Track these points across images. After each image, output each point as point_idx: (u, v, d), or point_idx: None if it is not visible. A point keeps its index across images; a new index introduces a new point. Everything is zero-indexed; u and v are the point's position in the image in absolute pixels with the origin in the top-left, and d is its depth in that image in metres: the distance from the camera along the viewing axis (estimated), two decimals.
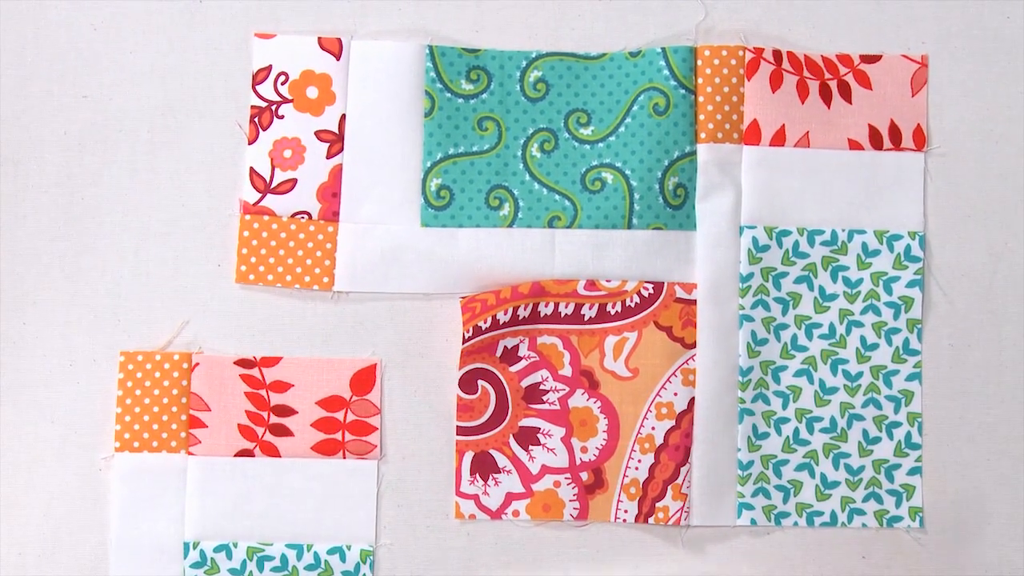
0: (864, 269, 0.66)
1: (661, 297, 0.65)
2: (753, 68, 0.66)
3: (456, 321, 0.65)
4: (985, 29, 0.66)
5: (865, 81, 0.66)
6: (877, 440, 0.65)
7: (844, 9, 0.66)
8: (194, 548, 0.64)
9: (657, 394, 0.65)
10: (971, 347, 0.66)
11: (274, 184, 0.66)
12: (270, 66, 0.66)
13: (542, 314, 0.65)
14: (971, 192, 0.66)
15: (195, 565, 0.64)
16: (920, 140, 0.66)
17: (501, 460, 0.65)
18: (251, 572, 0.64)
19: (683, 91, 0.65)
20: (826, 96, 0.66)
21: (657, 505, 0.65)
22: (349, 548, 0.65)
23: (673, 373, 0.65)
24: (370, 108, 0.66)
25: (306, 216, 0.65)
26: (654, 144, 0.65)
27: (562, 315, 0.65)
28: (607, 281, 0.65)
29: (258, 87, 0.66)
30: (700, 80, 0.65)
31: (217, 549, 0.64)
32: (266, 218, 0.65)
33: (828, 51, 0.66)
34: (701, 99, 0.65)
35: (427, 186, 0.66)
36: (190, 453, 0.65)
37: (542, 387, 0.65)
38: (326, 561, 0.64)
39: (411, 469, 0.65)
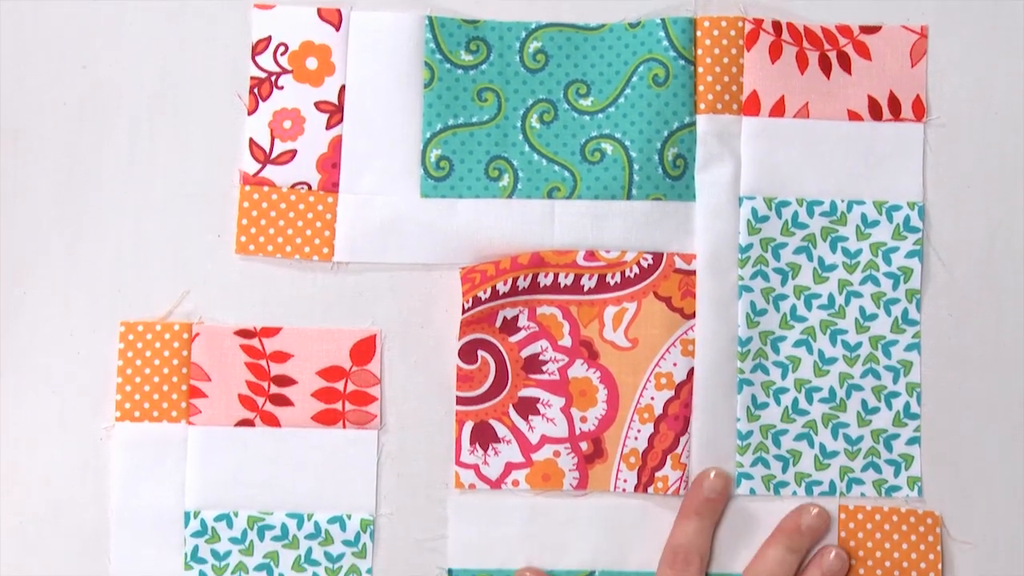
0: (863, 240, 0.66)
1: (660, 268, 0.65)
2: (752, 39, 0.66)
3: (456, 291, 0.65)
4: (985, 0, 0.66)
5: (864, 52, 0.66)
6: (876, 410, 0.65)
7: None
8: (195, 517, 0.64)
9: (656, 364, 0.65)
10: (970, 317, 0.66)
11: (274, 155, 0.66)
12: (269, 37, 0.66)
13: (541, 284, 0.65)
14: (970, 163, 0.66)
15: (196, 534, 0.64)
16: (919, 111, 0.66)
17: (501, 430, 0.65)
18: (252, 541, 0.65)
19: (682, 62, 0.65)
20: (825, 67, 0.66)
21: (656, 475, 0.65)
22: (349, 517, 0.65)
23: (672, 343, 0.65)
24: (370, 79, 0.66)
25: (306, 187, 0.66)
26: (653, 115, 0.65)
27: (561, 285, 0.65)
28: (606, 252, 0.65)
29: (257, 58, 0.66)
30: (699, 51, 0.66)
31: (218, 518, 0.65)
32: (266, 189, 0.65)
33: (828, 22, 0.66)
34: (700, 70, 0.65)
35: (427, 157, 0.66)
36: (190, 423, 0.65)
37: (541, 357, 0.65)
38: (326, 530, 0.65)
39: (411, 439, 0.65)
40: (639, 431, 0.65)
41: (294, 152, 0.66)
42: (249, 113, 0.66)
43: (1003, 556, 0.65)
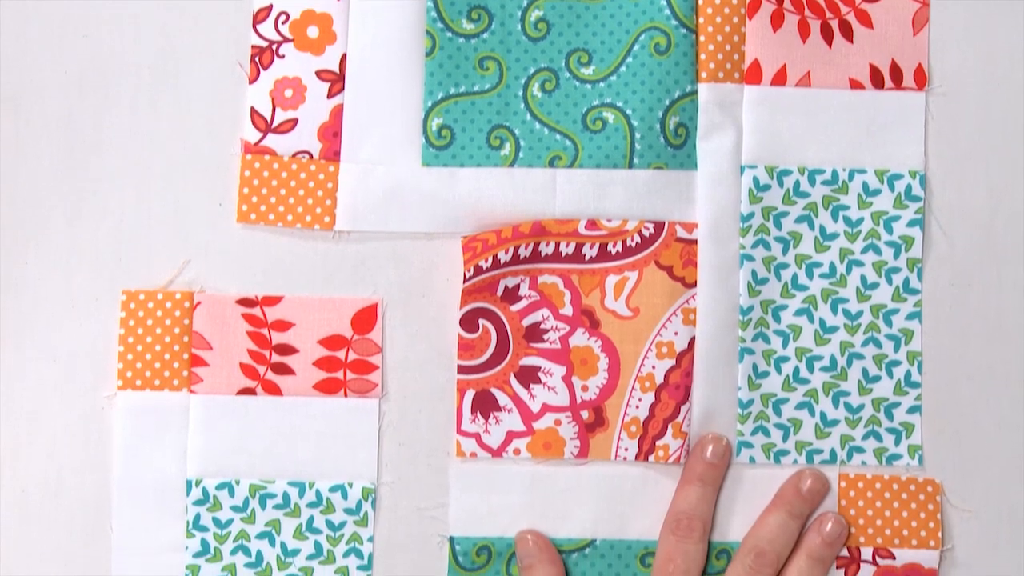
0: (864, 208, 0.66)
1: (662, 236, 0.65)
2: (754, 7, 0.65)
3: (457, 260, 0.65)
4: None
5: (866, 20, 0.66)
6: (877, 379, 0.65)
7: None
8: (196, 485, 0.65)
9: (658, 333, 0.65)
10: (971, 286, 0.66)
11: (275, 124, 0.66)
12: (270, 5, 0.66)
13: (543, 253, 0.65)
14: (972, 131, 0.66)
15: (198, 502, 0.65)
16: (921, 79, 0.66)
17: (502, 399, 0.65)
18: (253, 509, 0.65)
19: (684, 30, 0.65)
20: (827, 35, 0.66)
21: (657, 443, 0.65)
22: (351, 486, 0.65)
23: (674, 312, 0.65)
24: (371, 48, 0.66)
25: (307, 156, 0.65)
26: (655, 83, 0.65)
27: (563, 254, 0.65)
28: (608, 220, 0.65)
29: (258, 26, 0.66)
30: (701, 19, 0.65)
31: (219, 487, 0.65)
32: (267, 157, 0.65)
33: None
34: (702, 38, 0.65)
35: (428, 126, 0.66)
36: (192, 391, 0.65)
37: (543, 326, 0.66)
38: (328, 499, 0.65)
39: (412, 408, 0.65)
40: (640, 400, 0.65)
41: (295, 121, 0.66)
42: (250, 82, 0.66)
43: (1003, 524, 0.65)
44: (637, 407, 0.65)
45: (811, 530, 0.64)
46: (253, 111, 0.66)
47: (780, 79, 0.65)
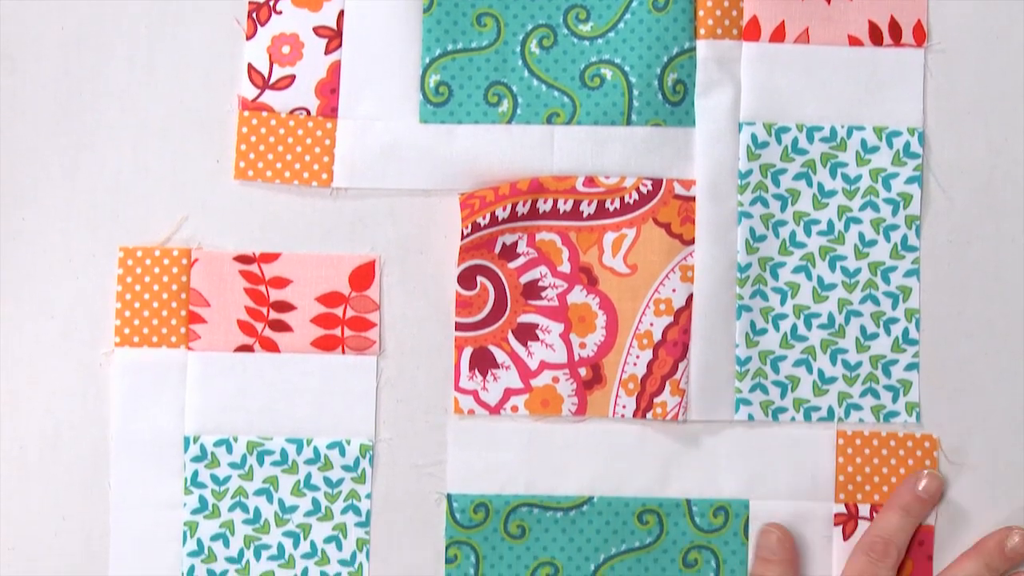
0: (863, 165, 0.66)
1: (660, 193, 0.65)
2: None
3: (455, 217, 0.65)
4: None
5: None
6: (875, 336, 0.65)
7: None
8: (194, 442, 0.65)
9: (655, 290, 0.65)
10: (969, 243, 0.66)
11: (272, 80, 0.65)
12: None
13: (541, 210, 0.65)
14: (971, 88, 0.66)
15: (196, 459, 0.65)
16: (920, 36, 0.66)
17: (500, 356, 0.65)
18: (251, 466, 0.65)
19: None
20: None
21: (655, 400, 0.65)
22: (349, 442, 0.65)
23: (672, 269, 0.65)
24: (369, 4, 0.66)
25: (304, 112, 0.65)
26: (653, 40, 0.65)
27: (561, 211, 0.65)
28: (606, 177, 0.65)
29: None
30: None
31: (217, 443, 0.65)
32: (264, 114, 0.65)
33: None
34: None
35: (426, 82, 0.65)
36: (190, 348, 0.65)
37: (541, 283, 0.65)
38: (326, 455, 0.65)
39: (410, 365, 0.65)
40: (638, 357, 0.65)
41: (293, 77, 0.65)
42: (247, 38, 0.66)
43: (1000, 480, 0.65)
44: (635, 364, 0.65)
45: None
46: (250, 67, 0.65)
47: (779, 36, 0.65)
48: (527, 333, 0.65)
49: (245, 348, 0.65)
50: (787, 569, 0.63)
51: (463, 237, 0.65)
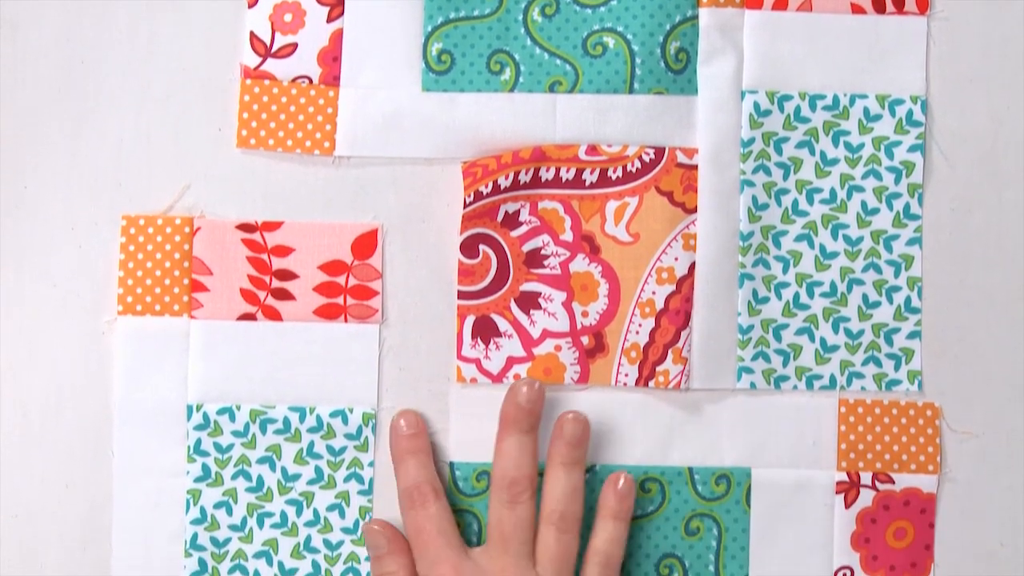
0: (865, 134, 0.65)
1: (662, 162, 0.65)
2: None
3: (457, 186, 0.65)
4: None
5: None
6: (877, 304, 0.65)
7: None
8: (197, 410, 0.65)
9: (658, 259, 0.65)
10: (971, 211, 0.66)
11: (274, 48, 0.65)
12: None
13: (543, 179, 0.65)
14: (973, 56, 0.66)
15: (198, 427, 0.65)
16: (923, 4, 0.66)
17: (502, 324, 0.65)
18: (254, 434, 0.65)
19: None
20: None
21: (657, 369, 0.65)
22: (351, 411, 0.65)
23: (674, 238, 0.65)
24: None
25: (307, 80, 0.65)
26: (656, 8, 0.65)
27: (563, 180, 0.65)
28: (608, 146, 0.65)
29: None
30: None
31: (220, 412, 0.65)
32: (267, 82, 0.65)
33: None
34: None
35: (428, 50, 0.65)
36: (192, 317, 0.65)
37: (543, 252, 0.65)
38: (328, 424, 0.65)
39: (412, 333, 0.65)
40: (640, 325, 0.65)
41: (295, 45, 0.65)
42: (249, 6, 0.65)
43: (1002, 448, 0.65)
44: (637, 333, 0.65)
45: (554, 437, 0.63)
46: (252, 35, 0.65)
47: (781, 3, 0.65)
48: (529, 302, 0.65)
49: (248, 316, 0.65)
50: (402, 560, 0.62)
51: (465, 205, 0.65)
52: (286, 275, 0.65)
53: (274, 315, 0.65)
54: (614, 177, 0.65)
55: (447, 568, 0.60)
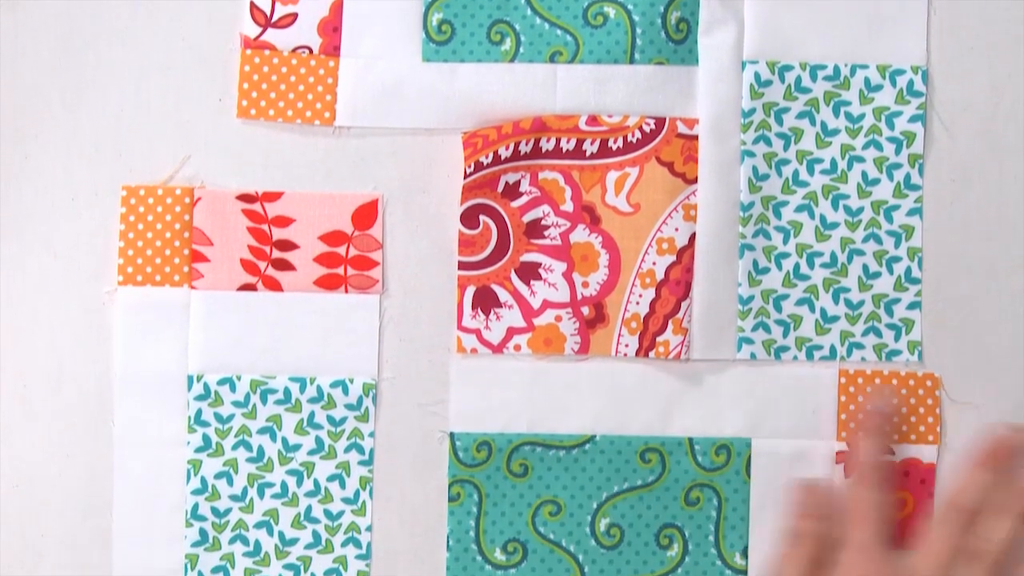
0: (866, 104, 0.65)
1: (663, 132, 0.65)
2: None
3: (457, 156, 0.65)
4: None
5: None
6: (877, 275, 0.65)
7: None
8: (198, 381, 0.65)
9: (658, 229, 0.65)
10: (972, 182, 0.66)
11: (275, 18, 0.65)
12: None
13: (543, 149, 0.65)
14: (974, 26, 0.66)
15: (199, 398, 0.65)
16: None
17: (503, 295, 0.65)
18: (255, 405, 0.65)
19: None
20: None
21: (658, 339, 0.65)
22: (352, 381, 0.65)
23: (674, 208, 0.65)
24: None
25: (307, 51, 0.65)
26: None
27: (563, 150, 0.65)
28: (609, 116, 0.65)
29: None
30: None
31: (221, 382, 0.65)
32: (267, 52, 0.65)
33: None
34: None
35: (428, 20, 0.65)
36: (193, 287, 0.65)
37: (543, 222, 0.65)
38: (329, 394, 0.65)
39: (413, 304, 0.65)
40: (640, 296, 0.65)
41: (295, 16, 0.65)
42: None
43: (1001, 418, 0.65)
44: (637, 303, 0.65)
45: None
46: (252, 5, 0.65)
47: None
48: (530, 272, 0.65)
49: (248, 287, 0.65)
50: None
51: (466, 176, 0.65)
52: (286, 245, 0.65)
53: (274, 285, 0.65)
54: (614, 147, 0.65)
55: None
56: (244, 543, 0.65)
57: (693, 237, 0.65)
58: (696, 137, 0.65)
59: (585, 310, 0.65)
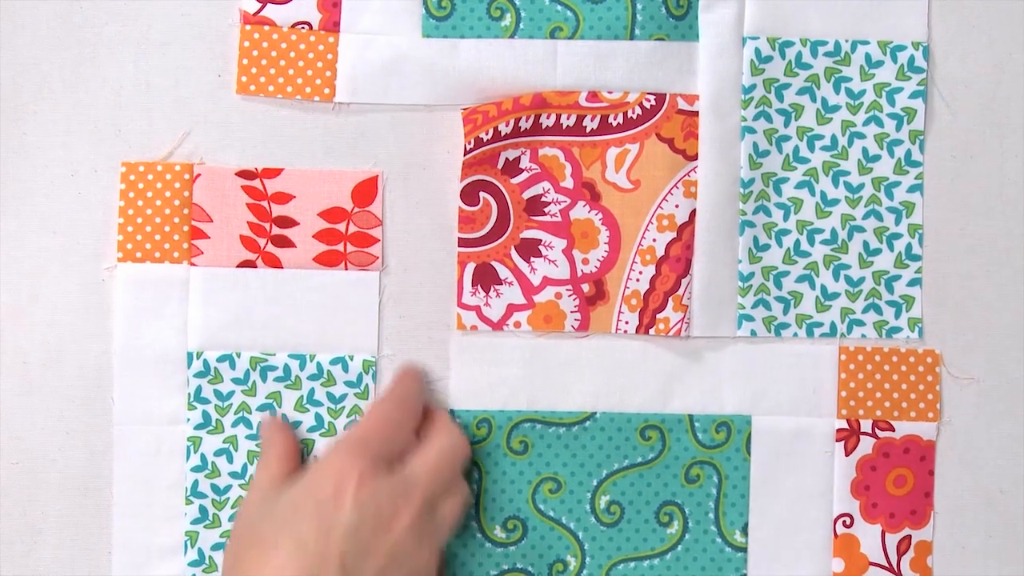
0: (867, 80, 0.65)
1: (663, 109, 0.65)
2: None
3: (457, 133, 0.65)
4: None
5: None
6: (877, 252, 0.65)
7: None
8: (197, 358, 0.65)
9: (659, 206, 0.65)
10: (973, 158, 0.66)
11: None
12: None
13: (544, 126, 0.65)
14: (975, 2, 0.65)
15: (199, 374, 0.65)
16: None
17: (503, 272, 0.65)
18: (254, 382, 0.65)
19: None
20: None
21: (658, 316, 0.65)
22: (351, 358, 0.65)
23: (675, 185, 0.65)
24: None
25: (307, 26, 0.65)
26: None
27: (564, 127, 0.65)
28: (609, 92, 0.65)
29: None
30: None
31: (220, 359, 0.65)
32: (266, 28, 0.65)
33: None
34: None
35: None
36: (192, 264, 0.65)
37: (543, 199, 0.65)
38: (328, 371, 0.65)
39: (413, 280, 0.65)
40: (641, 273, 0.65)
41: None
42: None
43: (1002, 396, 0.65)
44: (638, 280, 0.65)
45: None
46: None
47: None
48: (530, 249, 0.65)
49: (248, 264, 0.65)
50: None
51: (466, 152, 0.65)
52: (286, 222, 0.65)
53: (274, 262, 0.65)
54: (615, 124, 0.65)
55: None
56: None
57: (693, 214, 0.65)
58: (696, 113, 0.65)
59: (585, 287, 0.65)
